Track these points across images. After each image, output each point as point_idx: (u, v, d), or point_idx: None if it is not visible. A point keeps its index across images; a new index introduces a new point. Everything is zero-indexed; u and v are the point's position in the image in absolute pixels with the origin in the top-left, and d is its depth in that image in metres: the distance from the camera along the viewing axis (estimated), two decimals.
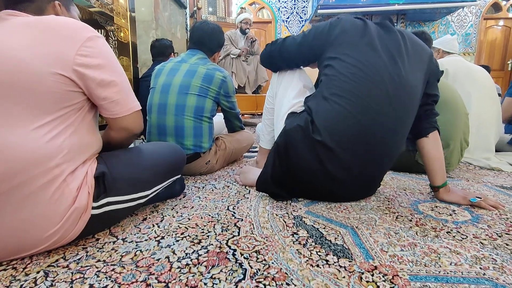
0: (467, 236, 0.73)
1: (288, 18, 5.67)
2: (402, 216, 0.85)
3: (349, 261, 0.61)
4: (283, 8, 5.63)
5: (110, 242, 0.69)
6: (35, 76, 0.57)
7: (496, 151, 1.74)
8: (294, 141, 0.89)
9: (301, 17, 5.65)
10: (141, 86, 2.07)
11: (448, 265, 0.60)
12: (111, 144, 0.76)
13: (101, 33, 1.73)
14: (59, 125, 0.60)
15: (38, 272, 0.57)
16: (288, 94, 1.05)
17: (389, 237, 0.72)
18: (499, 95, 2.87)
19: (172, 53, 2.31)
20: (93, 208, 0.65)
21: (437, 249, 0.66)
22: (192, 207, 0.92)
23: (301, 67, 1.11)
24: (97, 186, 0.66)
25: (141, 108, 0.74)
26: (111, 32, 1.80)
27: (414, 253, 0.64)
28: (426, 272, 0.57)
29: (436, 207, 0.93)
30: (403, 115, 0.88)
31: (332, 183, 0.90)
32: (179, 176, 0.97)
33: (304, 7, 5.61)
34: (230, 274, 0.56)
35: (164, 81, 1.26)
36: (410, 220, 0.82)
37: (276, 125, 1.09)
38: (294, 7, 5.63)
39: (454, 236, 0.73)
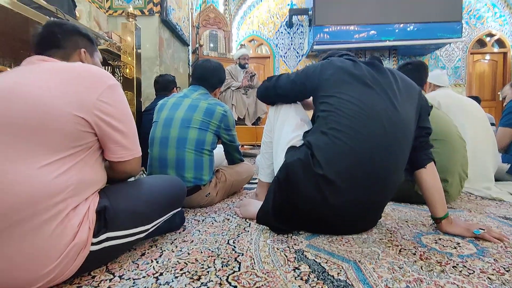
0: (474, 271, 0.71)
1: (285, 53, 5.97)
2: (405, 249, 0.83)
3: None
4: (280, 44, 5.95)
5: (106, 280, 0.67)
6: (53, 116, 0.60)
7: (496, 180, 1.74)
8: (295, 174, 0.90)
9: (298, 52, 5.95)
10: (143, 118, 2.12)
11: None
12: (110, 179, 0.78)
13: (107, 69, 1.82)
14: (67, 163, 0.62)
15: None
16: (285, 127, 1.08)
17: (393, 272, 0.70)
18: (493, 124, 2.94)
19: (175, 88, 2.39)
20: (93, 244, 0.64)
21: (444, 285, 0.64)
22: (192, 241, 0.90)
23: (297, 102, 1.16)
24: (98, 220, 0.66)
25: (141, 154, 0.79)
26: (117, 69, 1.89)
27: None
28: None
29: (440, 239, 0.92)
30: (398, 149, 0.90)
31: (334, 216, 0.89)
32: (179, 209, 0.97)
33: (300, 43, 5.94)
34: None
35: (167, 115, 1.30)
36: (414, 254, 0.80)
37: (275, 158, 1.11)
38: (291, 44, 5.96)
39: (460, 271, 0.71)
